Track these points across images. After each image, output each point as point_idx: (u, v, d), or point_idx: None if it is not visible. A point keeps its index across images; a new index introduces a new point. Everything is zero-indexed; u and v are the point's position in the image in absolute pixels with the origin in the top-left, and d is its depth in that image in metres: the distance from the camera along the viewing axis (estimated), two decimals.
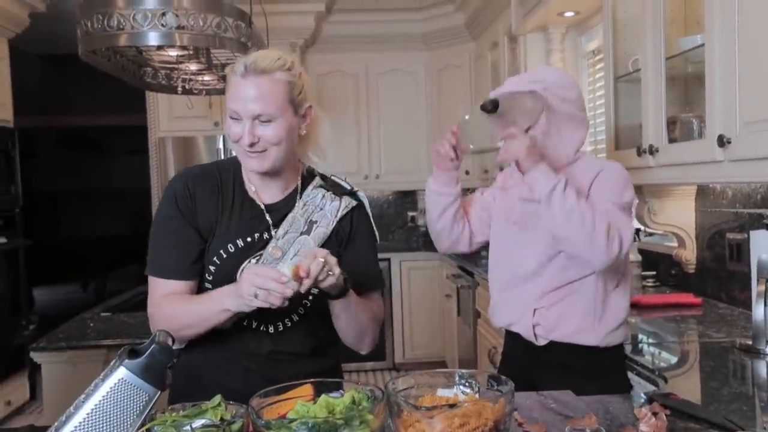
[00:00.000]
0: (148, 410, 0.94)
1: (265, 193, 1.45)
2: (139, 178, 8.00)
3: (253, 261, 1.39)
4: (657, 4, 2.12)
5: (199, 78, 3.07)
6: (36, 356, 2.11)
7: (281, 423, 0.91)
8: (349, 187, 1.52)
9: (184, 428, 0.91)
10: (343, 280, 1.29)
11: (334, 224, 1.45)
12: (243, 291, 1.21)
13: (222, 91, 3.19)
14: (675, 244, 2.67)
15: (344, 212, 1.47)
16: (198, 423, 0.94)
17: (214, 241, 1.41)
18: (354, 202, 1.49)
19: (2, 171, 4.23)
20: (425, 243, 5.53)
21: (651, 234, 2.93)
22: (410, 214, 5.74)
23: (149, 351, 0.94)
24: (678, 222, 2.58)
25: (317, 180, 1.49)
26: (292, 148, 1.41)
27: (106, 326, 2.30)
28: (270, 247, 1.40)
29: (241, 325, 1.39)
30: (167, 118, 4.80)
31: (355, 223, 1.49)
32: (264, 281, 1.18)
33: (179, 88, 2.92)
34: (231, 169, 1.46)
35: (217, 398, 1.02)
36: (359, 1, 4.99)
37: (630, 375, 1.72)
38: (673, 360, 1.80)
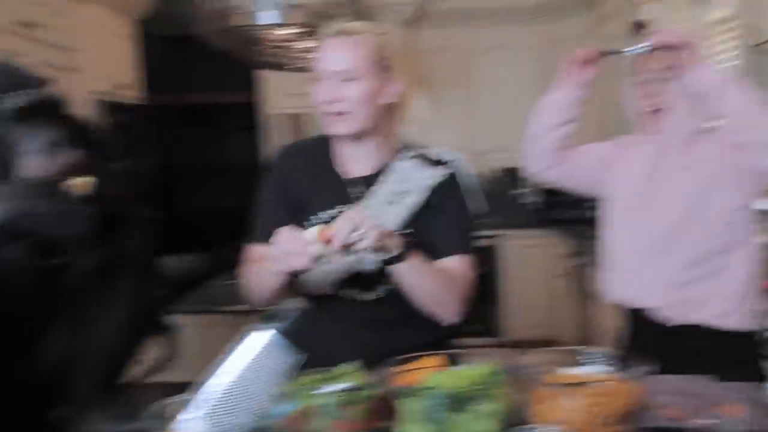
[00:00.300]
0: (292, 373, 0.98)
1: (354, 166, 1.46)
2: (249, 154, 8.33)
3: None
4: None
5: (309, 56, 3.13)
6: (173, 319, 2.26)
7: (415, 390, 0.93)
8: (441, 158, 1.49)
9: (327, 390, 0.95)
10: (394, 246, 1.28)
11: (424, 194, 1.43)
12: (285, 265, 1.24)
13: None
14: None
15: (433, 183, 1.44)
16: (336, 387, 0.97)
17: (306, 212, 1.44)
18: (444, 173, 1.46)
19: (137, 147, 4.51)
20: (535, 221, 5.43)
21: None
22: (519, 191, 5.64)
23: (296, 317, 0.98)
24: None
25: (409, 150, 1.48)
26: (379, 114, 1.40)
27: (233, 293, 2.44)
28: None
29: (339, 293, 1.41)
30: (279, 95, 4.93)
31: (445, 193, 1.46)
32: (284, 245, 1.21)
33: (290, 66, 3.00)
34: (322, 143, 1.49)
35: (351, 365, 1.06)
36: None
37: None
38: None
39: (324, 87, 1.36)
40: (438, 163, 1.48)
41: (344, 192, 1.44)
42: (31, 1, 3.24)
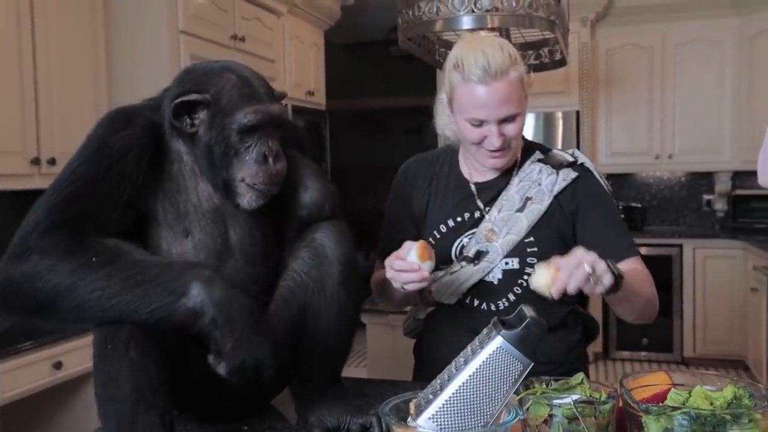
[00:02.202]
0: (521, 379, 0.98)
1: (480, 173, 1.44)
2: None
3: (466, 240, 1.41)
4: None
5: None
6: (363, 318, 2.38)
7: (662, 409, 0.89)
8: (570, 159, 1.43)
9: (563, 400, 0.94)
10: (613, 279, 1.15)
11: (551, 199, 1.37)
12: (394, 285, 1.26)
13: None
14: None
15: (562, 186, 1.38)
16: (569, 399, 0.96)
17: (426, 225, 1.46)
18: (574, 174, 1.39)
19: (316, 149, 4.78)
20: (723, 229, 5.02)
21: None
22: (706, 197, 5.24)
23: (525, 324, 0.98)
24: None
25: (536, 154, 1.43)
26: None
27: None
28: (484, 229, 1.40)
29: (463, 303, 1.43)
30: None
31: (579, 195, 1.39)
32: (396, 274, 1.22)
33: None
34: (447, 154, 1.50)
35: (580, 375, 1.04)
36: None
37: None
38: None
39: (479, 131, 1.32)
40: (565, 165, 1.42)
41: (472, 199, 1.43)
42: (244, 17, 3.54)
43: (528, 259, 1.39)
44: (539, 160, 1.43)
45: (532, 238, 1.38)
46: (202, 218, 1.13)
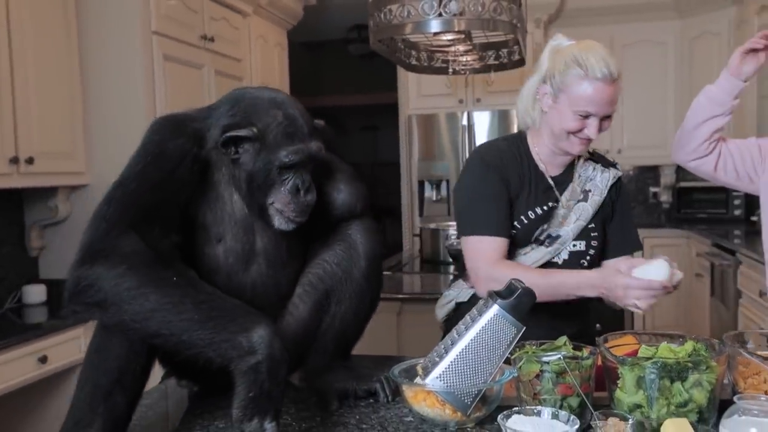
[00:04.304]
0: (514, 342, 1.14)
1: (551, 167, 1.62)
2: (371, 153, 8.64)
3: (545, 226, 1.58)
4: None
5: (462, 58, 3.29)
6: None
7: (635, 360, 1.05)
8: (612, 160, 1.68)
9: (551, 357, 1.10)
10: None
11: (606, 193, 1.61)
12: (619, 296, 1.37)
13: (480, 71, 3.39)
14: None
15: (612, 182, 1.63)
16: (557, 356, 1.11)
17: (516, 208, 1.59)
18: (619, 173, 1.65)
19: None
20: (669, 219, 5.32)
21: None
22: (652, 189, 5.55)
23: (517, 294, 1.13)
24: None
25: (586, 153, 1.64)
26: None
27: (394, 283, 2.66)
28: (558, 216, 1.58)
29: None
30: (415, 96, 5.12)
31: (619, 192, 1.65)
32: (646, 293, 1.34)
33: (450, 69, 3.16)
34: (522, 145, 1.64)
35: (563, 338, 1.20)
36: None
37: None
38: None
39: (581, 122, 1.49)
40: (611, 164, 1.65)
41: (551, 191, 1.60)
42: (212, 17, 3.60)
43: (592, 242, 1.61)
44: (590, 159, 1.65)
45: (593, 224, 1.61)
46: (235, 226, 1.24)
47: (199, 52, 3.49)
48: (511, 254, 1.57)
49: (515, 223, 1.58)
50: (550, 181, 1.61)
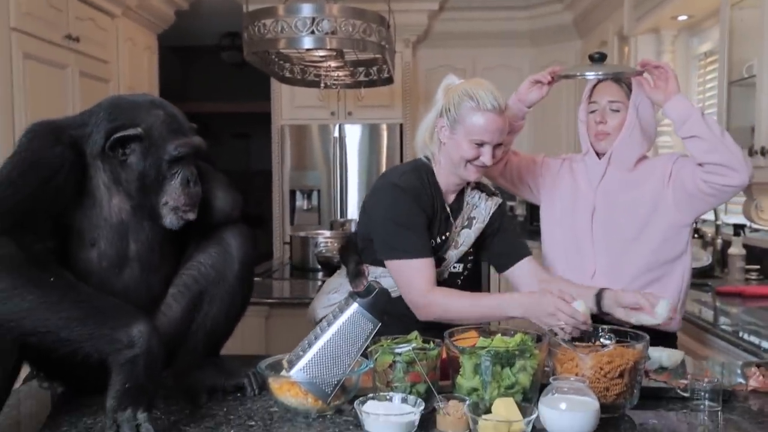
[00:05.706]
0: (371, 337, 1.27)
1: (449, 196, 1.75)
2: (243, 161, 8.59)
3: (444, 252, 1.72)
4: None
5: (334, 74, 3.43)
6: None
7: (473, 350, 1.22)
8: (493, 189, 1.83)
9: (402, 348, 1.23)
10: None
11: (488, 220, 1.76)
12: (547, 321, 1.43)
13: (351, 86, 3.54)
14: None
15: (494, 209, 1.78)
16: (408, 347, 1.25)
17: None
18: (500, 200, 1.81)
19: None
20: (523, 230, 5.75)
21: (757, 230, 3.07)
22: (510, 203, 5.96)
23: (374, 293, 1.26)
24: None
25: (472, 182, 1.76)
26: None
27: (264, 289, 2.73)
28: (452, 241, 1.73)
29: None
30: (288, 107, 5.20)
31: (501, 214, 1.80)
32: (569, 319, 1.40)
33: (322, 84, 3.28)
34: (429, 175, 1.71)
35: (414, 333, 1.34)
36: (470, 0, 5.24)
37: (737, 351, 1.93)
38: None
39: (477, 150, 1.61)
40: (494, 193, 1.81)
41: (448, 219, 1.72)
42: (78, 16, 3.50)
43: (467, 265, 1.78)
44: (476, 188, 1.77)
45: (471, 249, 1.76)
46: (110, 231, 1.28)
47: (62, 51, 3.38)
48: None
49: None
50: (448, 209, 1.73)
